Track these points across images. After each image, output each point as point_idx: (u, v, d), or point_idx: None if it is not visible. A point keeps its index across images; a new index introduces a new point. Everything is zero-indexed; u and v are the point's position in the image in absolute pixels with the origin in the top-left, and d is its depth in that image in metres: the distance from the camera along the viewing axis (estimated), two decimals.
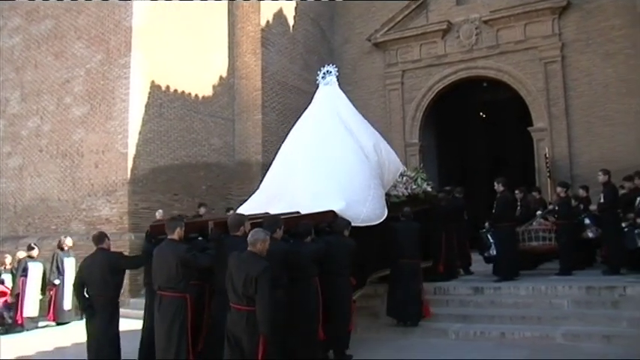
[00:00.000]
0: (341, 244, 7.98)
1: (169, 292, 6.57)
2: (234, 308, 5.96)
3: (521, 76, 17.29)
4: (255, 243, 6.05)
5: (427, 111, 18.89)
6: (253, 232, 6.18)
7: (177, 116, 15.28)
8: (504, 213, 11.51)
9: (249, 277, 5.80)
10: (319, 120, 10.10)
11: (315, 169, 9.06)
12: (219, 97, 16.66)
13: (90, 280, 7.43)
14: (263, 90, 16.86)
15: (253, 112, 16.87)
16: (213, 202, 15.62)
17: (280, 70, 17.60)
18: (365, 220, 8.80)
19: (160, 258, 6.68)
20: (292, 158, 9.58)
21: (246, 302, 5.86)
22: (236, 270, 5.96)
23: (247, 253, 6.05)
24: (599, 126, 16.10)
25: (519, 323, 9.25)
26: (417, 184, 11.33)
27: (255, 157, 16.76)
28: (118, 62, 14.29)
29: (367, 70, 19.36)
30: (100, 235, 7.83)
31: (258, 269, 5.81)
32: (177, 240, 6.75)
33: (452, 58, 18.30)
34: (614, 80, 15.96)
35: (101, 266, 7.42)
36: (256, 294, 5.77)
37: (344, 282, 7.96)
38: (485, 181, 19.51)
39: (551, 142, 16.62)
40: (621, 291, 9.54)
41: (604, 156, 15.59)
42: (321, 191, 8.65)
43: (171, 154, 15.00)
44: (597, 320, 8.90)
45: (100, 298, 7.39)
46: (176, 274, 6.52)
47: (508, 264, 11.34)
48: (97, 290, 7.39)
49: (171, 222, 6.97)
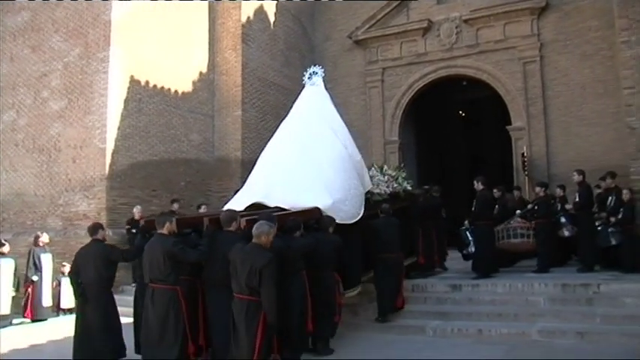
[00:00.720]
0: (327, 240, 8.28)
1: (160, 284, 6.77)
2: (237, 298, 6.26)
3: (500, 76, 17.44)
4: (260, 235, 6.38)
5: (407, 109, 18.97)
6: (258, 225, 6.47)
7: (157, 112, 15.21)
8: (483, 211, 11.61)
9: (254, 269, 6.12)
10: (305, 119, 10.32)
11: (301, 167, 9.32)
12: (199, 92, 16.63)
13: (84, 269, 7.59)
14: (243, 86, 16.82)
15: (233, 109, 16.85)
16: (192, 198, 15.60)
17: (260, 67, 17.59)
18: (343, 218, 9.01)
19: (150, 251, 6.89)
20: (279, 156, 9.78)
21: (248, 292, 6.17)
22: (240, 262, 6.26)
23: (252, 245, 6.37)
24: (576, 126, 16.29)
25: (496, 320, 9.35)
26: (398, 182, 11.70)
27: (235, 154, 16.73)
28: (96, 56, 14.20)
29: (348, 67, 19.39)
30: (95, 226, 7.99)
31: (263, 261, 6.14)
32: (167, 234, 6.95)
33: (432, 57, 18.40)
34: (591, 81, 16.16)
35: (95, 257, 7.59)
36: (261, 285, 6.09)
37: (329, 276, 8.27)
38: (464, 180, 19.72)
39: (529, 141, 16.80)
40: (595, 288, 9.73)
41: (580, 155, 15.75)
42: (307, 189, 8.90)
43: (150, 150, 14.93)
44: (572, 317, 9.05)
45: (92, 287, 7.55)
46: (164, 268, 6.71)
47: (486, 261, 11.46)
48: (90, 280, 7.55)
49: (161, 217, 7.20)
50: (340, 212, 8.95)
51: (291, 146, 9.80)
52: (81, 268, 7.65)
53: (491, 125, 22.82)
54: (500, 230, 11.87)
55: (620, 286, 9.68)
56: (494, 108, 20.04)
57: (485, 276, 11.21)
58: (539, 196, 12.25)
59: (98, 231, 7.92)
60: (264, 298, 6.11)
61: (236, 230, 7.13)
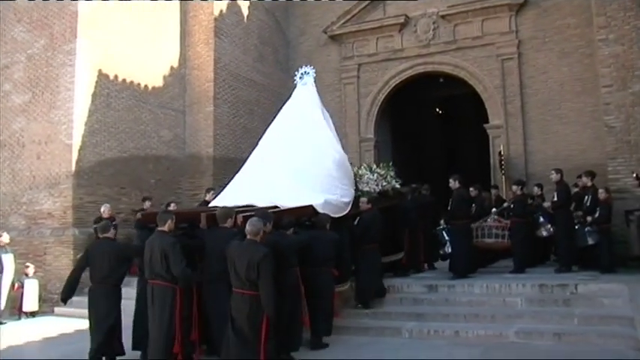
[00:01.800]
0: (325, 237, 8.70)
1: (159, 280, 7.18)
2: (238, 293, 6.68)
3: (477, 73, 17.53)
4: (257, 232, 6.82)
5: (383, 106, 19.02)
6: (253, 222, 6.89)
7: (126, 107, 15.02)
8: (459, 210, 11.64)
9: (252, 263, 6.53)
10: (296, 120, 10.79)
11: (292, 167, 9.78)
12: (170, 87, 16.46)
13: (95, 267, 7.79)
14: (215, 81, 16.70)
15: (205, 104, 16.70)
16: (162, 197, 15.41)
17: (233, 61, 17.47)
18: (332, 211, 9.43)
19: (150, 248, 7.27)
20: (270, 155, 10.22)
21: (249, 286, 6.59)
22: (238, 257, 6.68)
23: (248, 241, 6.80)
24: (554, 124, 16.42)
25: (473, 321, 9.38)
26: (387, 180, 12.01)
27: (206, 151, 16.59)
28: (62, 48, 13.94)
29: (322, 62, 19.32)
30: (106, 225, 8.23)
31: (259, 255, 6.57)
32: (167, 232, 7.36)
33: (409, 53, 18.45)
34: (570, 79, 16.28)
35: (109, 254, 7.79)
36: (259, 279, 6.50)
37: (327, 273, 8.66)
38: (440, 178, 19.55)
39: (506, 139, 16.91)
40: (573, 289, 9.82)
41: (558, 154, 15.90)
42: (299, 187, 9.38)
43: (118, 146, 14.75)
44: (549, 318, 9.11)
45: (103, 286, 7.76)
46: (163, 264, 7.10)
47: (463, 261, 11.51)
48: (102, 278, 7.76)
49: (163, 215, 7.58)
50: (329, 206, 9.38)
51: (282, 146, 10.25)
52: (92, 266, 7.83)
53: (469, 123, 22.93)
54: (475, 229, 11.93)
55: (598, 287, 9.79)
56: (472, 105, 20.14)
57: (462, 276, 11.25)
58: (516, 195, 12.30)
59: (109, 229, 8.13)
60: (262, 291, 6.48)
61: (231, 227, 7.54)
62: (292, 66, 19.64)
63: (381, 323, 9.74)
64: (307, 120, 10.86)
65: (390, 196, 11.91)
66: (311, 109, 11.12)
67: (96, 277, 7.81)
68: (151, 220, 8.01)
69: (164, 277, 7.15)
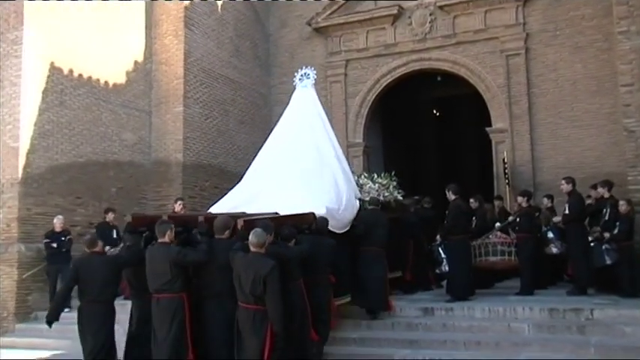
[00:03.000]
0: (323, 244, 9.04)
1: (165, 293, 7.54)
2: (243, 307, 7.09)
3: (479, 70, 17.50)
4: (262, 244, 7.20)
5: (373, 107, 19.00)
6: (258, 233, 7.25)
7: (83, 106, 14.77)
8: (457, 224, 11.53)
9: (258, 277, 6.90)
10: (298, 126, 11.40)
11: (294, 176, 10.31)
12: (134, 84, 16.24)
13: (86, 284, 7.98)
14: (185, 78, 16.54)
15: (173, 104, 16.55)
16: (125, 207, 15.20)
17: (206, 56, 17.33)
18: (334, 226, 9.80)
19: (153, 261, 7.62)
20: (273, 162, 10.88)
21: (253, 301, 6.99)
22: (244, 270, 7.06)
23: (253, 254, 7.17)
24: (566, 128, 16.35)
25: (474, 349, 9.29)
26: (389, 191, 12.28)
27: (175, 156, 16.44)
28: (6, 37, 13.65)
29: (306, 58, 19.24)
30: (93, 239, 8.43)
31: (266, 269, 6.93)
32: (169, 242, 7.72)
33: (402, 48, 18.42)
34: (584, 77, 16.22)
35: (100, 269, 8.01)
36: (266, 293, 6.89)
37: (324, 280, 9.03)
38: (437, 188, 19.49)
39: (512, 144, 16.88)
40: (588, 314, 9.66)
41: (570, 162, 15.88)
42: (301, 196, 9.79)
43: (74, 150, 14.48)
44: (561, 347, 8.94)
45: (96, 304, 7.98)
46: (170, 276, 7.50)
47: (462, 282, 11.39)
48: (94, 295, 7.97)
49: (162, 225, 7.81)
50: (332, 220, 9.65)
51: (283, 154, 10.86)
52: (83, 283, 8.02)
53: (469, 127, 22.96)
54: (477, 246, 11.82)
55: (618, 312, 9.63)
56: (473, 107, 20.16)
57: (461, 298, 11.15)
58: (522, 207, 12.24)
59: (97, 243, 8.34)
60: (269, 306, 6.89)
61: (229, 238, 7.83)
62: (272, 62, 19.83)
63: (369, 351, 9.60)
64: (308, 127, 11.39)
65: (392, 207, 12.07)
66: (311, 115, 11.62)
67: (87, 294, 8.00)
68: (142, 224, 8.39)
69: (170, 290, 7.54)
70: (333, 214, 9.78)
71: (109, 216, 13.66)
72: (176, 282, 7.55)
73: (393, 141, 21.03)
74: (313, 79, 12.07)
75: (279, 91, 19.45)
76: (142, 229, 8.23)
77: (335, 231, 9.79)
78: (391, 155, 20.60)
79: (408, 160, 22.77)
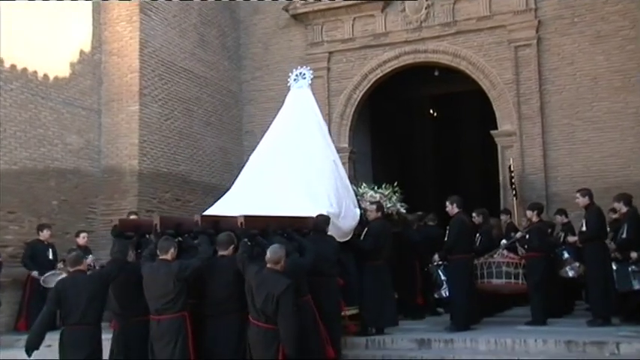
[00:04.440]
0: (325, 242, 9.60)
1: (167, 314, 8.02)
2: (254, 324, 7.71)
3: (483, 64, 17.55)
4: (278, 260, 7.75)
5: (360, 106, 19.08)
6: (275, 249, 7.84)
7: (17, 103, 14.48)
8: (459, 242, 11.48)
9: (270, 295, 7.46)
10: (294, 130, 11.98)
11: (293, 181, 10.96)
12: (80, 78, 15.98)
13: (70, 306, 8.21)
14: (141, 72, 16.39)
15: (127, 102, 16.39)
16: (68, 223, 15.04)
17: (165, 46, 17.22)
18: (335, 234, 10.29)
19: (153, 280, 8.08)
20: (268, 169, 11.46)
21: (264, 319, 7.56)
22: (257, 288, 7.61)
23: (268, 271, 7.73)
24: (585, 130, 16.38)
25: None
26: (392, 202, 12.64)
27: (129, 163, 16.30)
28: None
29: (283, 50, 19.45)
30: (77, 257, 8.80)
31: (280, 287, 7.46)
32: (170, 260, 8.15)
33: (394, 38, 18.49)
34: (606, 71, 16.24)
35: (85, 288, 8.25)
36: (278, 313, 7.44)
37: (331, 282, 9.51)
38: (435, 200, 19.86)
39: (520, 150, 16.94)
40: (613, 349, 9.50)
41: (589, 170, 15.92)
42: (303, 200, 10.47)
43: (5, 156, 14.17)
44: None
45: (80, 327, 8.20)
46: (173, 295, 7.98)
47: (464, 308, 11.34)
48: (79, 317, 8.18)
49: (164, 243, 8.28)
50: (333, 227, 10.18)
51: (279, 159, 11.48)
52: (64, 306, 8.24)
53: (472, 129, 22.98)
54: (479, 266, 11.80)
55: None
56: (476, 107, 20.17)
57: (463, 328, 11.13)
58: (532, 223, 12.19)
59: (81, 261, 8.68)
60: (281, 327, 7.43)
61: (231, 255, 8.35)
62: (243, 54, 19.95)
63: None
64: (305, 130, 12.00)
65: (394, 220, 12.39)
66: (307, 117, 12.27)
67: (71, 317, 8.23)
68: (129, 228, 9.04)
69: (172, 309, 8.00)
70: (333, 221, 10.25)
71: (43, 233, 13.45)
72: (178, 301, 8.03)
73: (383, 146, 21.14)
74: (310, 79, 12.61)
75: (251, 88, 19.58)
76: (130, 233, 8.91)
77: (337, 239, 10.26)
78: (381, 162, 20.71)
79: (401, 167, 22.92)
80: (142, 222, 9.64)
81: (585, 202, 11.65)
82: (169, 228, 8.83)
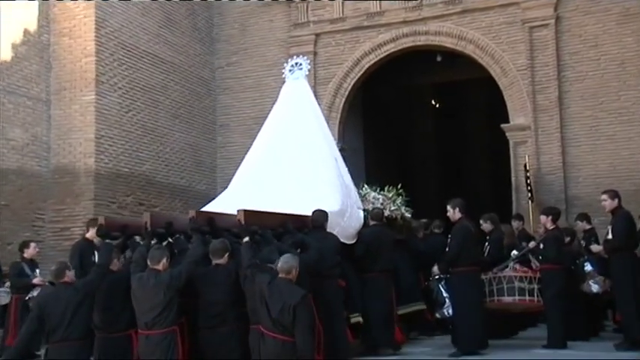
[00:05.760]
0: (325, 239, 10.05)
1: (157, 328, 8.31)
2: (269, 336, 8.09)
3: (493, 47, 17.63)
4: (290, 270, 8.19)
5: (352, 96, 19.19)
6: (287, 259, 8.31)
7: None
8: (464, 252, 11.29)
9: (287, 306, 7.91)
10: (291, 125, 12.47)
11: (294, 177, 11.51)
12: (24, 63, 15.87)
13: (54, 321, 8.45)
14: (98, 56, 16.34)
15: (82, 91, 16.31)
16: (11, 232, 14.94)
17: (126, 26, 17.20)
18: (338, 233, 10.74)
19: (143, 292, 8.38)
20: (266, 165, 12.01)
21: (281, 330, 7.99)
22: (270, 298, 8.05)
23: (281, 281, 8.16)
24: (610, 124, 16.41)
25: None
26: (397, 205, 12.98)
27: (84, 162, 16.22)
28: None
29: (263, 31, 19.56)
30: (60, 268, 8.86)
31: (296, 298, 7.95)
32: (161, 270, 8.46)
33: (391, 18, 18.63)
34: (635, 54, 16.30)
35: (70, 302, 8.44)
36: (295, 323, 7.90)
37: (333, 284, 10.08)
38: (436, 203, 19.60)
39: (536, 146, 17.03)
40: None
41: (616, 169, 15.96)
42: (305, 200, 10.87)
43: None
44: None
45: (67, 344, 8.45)
46: (162, 308, 8.27)
47: (470, 329, 11.17)
48: (64, 334, 8.42)
49: (156, 251, 8.64)
50: (337, 227, 10.76)
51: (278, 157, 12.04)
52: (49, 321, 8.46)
53: (479, 122, 22.95)
54: (487, 281, 11.69)
55: None
56: (484, 97, 20.08)
57: (469, 353, 10.98)
58: (547, 230, 12.02)
59: (64, 272, 8.76)
60: (298, 338, 7.88)
61: (227, 264, 8.84)
62: (217, 36, 20.26)
63: None
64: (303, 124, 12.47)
65: (398, 226, 12.78)
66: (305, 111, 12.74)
67: (56, 334, 8.47)
68: (115, 228, 9.53)
69: (162, 323, 8.27)
70: (338, 221, 10.87)
71: None
72: (169, 314, 8.33)
73: (377, 142, 21.24)
74: (307, 69, 13.15)
75: (226, 75, 19.63)
76: (116, 233, 9.38)
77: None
78: (375, 159, 20.80)
79: (398, 166, 23.06)
80: (129, 222, 10.12)
81: (612, 206, 11.44)
82: (160, 227, 9.38)
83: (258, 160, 12.36)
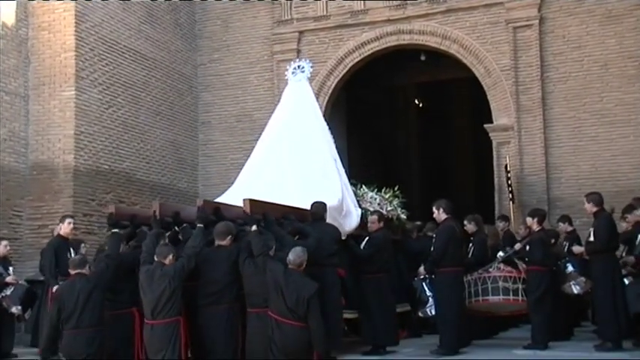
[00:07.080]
0: (324, 230, 10.48)
1: (161, 318, 8.83)
2: (286, 323, 8.78)
3: (477, 47, 17.69)
4: (300, 264, 8.96)
5: (335, 96, 19.23)
6: (297, 252, 9.02)
7: None
8: (448, 252, 11.38)
9: (301, 298, 8.71)
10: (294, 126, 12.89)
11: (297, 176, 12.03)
12: (1, 58, 15.69)
13: (69, 311, 9.07)
14: (78, 51, 16.24)
15: (61, 86, 16.26)
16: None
17: (107, 21, 17.11)
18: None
19: (149, 284, 8.88)
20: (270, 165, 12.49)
21: (296, 318, 8.74)
22: (286, 288, 8.77)
23: (294, 273, 8.91)
24: (593, 125, 16.47)
25: None
26: (393, 205, 13.38)
27: (63, 158, 16.17)
28: None
29: (246, 28, 19.53)
30: (82, 259, 9.78)
31: (310, 291, 8.78)
32: (167, 264, 8.97)
33: (374, 16, 18.60)
34: (618, 56, 16.34)
35: (84, 292, 9.07)
36: (309, 314, 8.72)
37: (331, 273, 10.49)
38: (421, 204, 19.76)
39: (518, 147, 17.11)
40: None
41: (599, 170, 16.02)
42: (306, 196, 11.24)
43: None
44: None
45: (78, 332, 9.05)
46: (166, 300, 8.78)
47: (453, 329, 11.24)
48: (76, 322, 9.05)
49: (164, 247, 9.18)
50: (334, 222, 11.19)
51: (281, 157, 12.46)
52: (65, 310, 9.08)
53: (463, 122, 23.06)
54: (471, 282, 11.80)
55: None
56: (467, 97, 20.15)
57: (452, 352, 11.11)
58: (532, 232, 12.13)
59: (85, 264, 9.52)
60: (313, 328, 8.72)
61: (229, 246, 9.32)
62: (199, 32, 20.18)
63: None
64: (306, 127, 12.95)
65: (393, 226, 13.11)
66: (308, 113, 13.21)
67: (70, 322, 9.08)
68: (125, 217, 10.08)
69: (168, 313, 8.81)
70: (335, 216, 11.32)
71: None
72: (174, 304, 8.87)
73: (361, 142, 21.28)
74: (309, 72, 13.50)
75: (208, 72, 19.61)
76: (125, 222, 9.93)
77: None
78: (359, 160, 20.75)
79: (382, 167, 23.12)
80: (138, 212, 10.84)
81: (593, 209, 11.53)
82: (168, 216, 9.92)
83: (261, 159, 12.81)
